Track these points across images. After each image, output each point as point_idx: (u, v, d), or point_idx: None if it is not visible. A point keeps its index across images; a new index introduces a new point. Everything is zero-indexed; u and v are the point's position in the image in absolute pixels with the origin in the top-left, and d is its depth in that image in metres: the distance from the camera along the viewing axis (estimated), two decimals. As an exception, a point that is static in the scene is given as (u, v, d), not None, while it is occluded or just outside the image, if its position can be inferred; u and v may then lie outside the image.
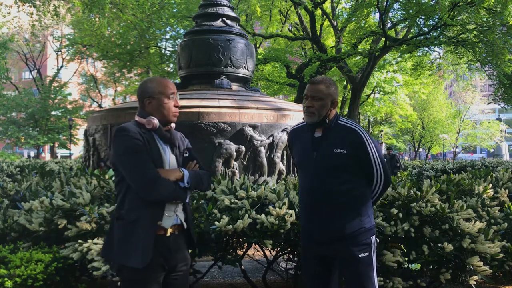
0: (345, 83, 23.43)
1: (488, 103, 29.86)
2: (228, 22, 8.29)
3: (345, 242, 2.50)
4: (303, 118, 2.67)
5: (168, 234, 2.31)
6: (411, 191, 3.68)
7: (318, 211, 2.56)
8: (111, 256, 2.31)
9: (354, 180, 2.54)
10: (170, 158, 2.39)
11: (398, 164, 14.07)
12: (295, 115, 7.14)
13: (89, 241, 3.23)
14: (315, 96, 2.57)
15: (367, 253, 2.52)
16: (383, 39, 16.06)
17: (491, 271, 3.51)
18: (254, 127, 6.54)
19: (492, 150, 40.93)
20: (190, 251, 2.60)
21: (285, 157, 6.73)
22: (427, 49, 17.49)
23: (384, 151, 16.15)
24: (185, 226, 2.41)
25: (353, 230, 2.50)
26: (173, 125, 2.45)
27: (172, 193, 2.27)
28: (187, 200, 2.44)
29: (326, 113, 2.57)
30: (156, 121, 2.32)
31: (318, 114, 2.56)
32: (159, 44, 23.58)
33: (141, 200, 2.23)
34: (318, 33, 19.00)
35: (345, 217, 2.50)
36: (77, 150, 40.94)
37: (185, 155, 2.47)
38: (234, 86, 8.04)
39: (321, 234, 2.56)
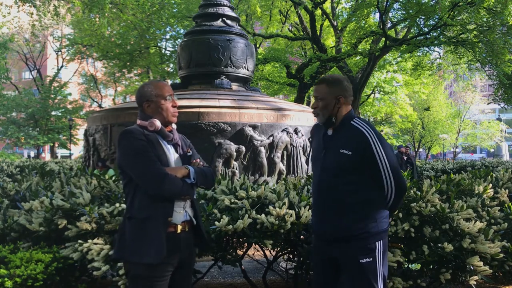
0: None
1: (488, 103, 29.85)
2: (228, 22, 8.29)
3: (348, 244, 2.45)
4: None
5: (179, 231, 2.38)
6: (411, 191, 3.68)
7: (323, 209, 2.54)
8: (124, 255, 2.35)
9: (359, 182, 2.46)
10: (174, 157, 2.47)
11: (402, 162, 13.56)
12: (295, 115, 7.13)
13: (89, 241, 3.23)
14: (317, 97, 2.58)
15: (370, 259, 2.43)
16: (383, 39, 16.05)
17: (491, 271, 3.51)
18: (254, 127, 6.54)
19: (492, 150, 40.90)
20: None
21: (285, 157, 6.73)
22: (427, 49, 17.46)
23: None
24: (195, 222, 2.48)
25: (356, 233, 2.44)
26: (174, 126, 2.54)
27: (180, 189, 2.35)
28: (194, 197, 2.51)
29: (332, 111, 2.54)
30: (158, 123, 2.42)
31: (321, 114, 2.56)
32: (159, 44, 23.57)
33: (151, 198, 2.30)
34: (318, 33, 18.99)
35: (347, 219, 2.45)
36: (77, 150, 40.93)
37: (188, 154, 2.55)
38: (234, 86, 8.04)
39: (325, 232, 2.53)
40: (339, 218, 2.47)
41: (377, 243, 2.47)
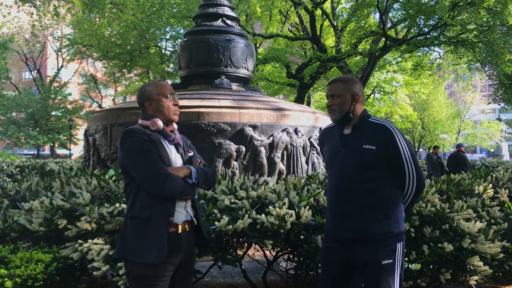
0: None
1: (488, 103, 29.81)
2: (228, 22, 8.30)
3: (369, 244, 2.41)
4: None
5: (180, 231, 2.38)
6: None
7: (344, 210, 2.48)
8: (126, 255, 2.35)
9: (383, 179, 2.44)
10: (176, 157, 2.47)
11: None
12: (295, 115, 7.13)
13: (89, 241, 3.23)
14: (333, 94, 2.59)
15: (391, 260, 2.41)
16: (383, 39, 16.04)
17: (491, 271, 3.51)
18: (254, 127, 6.54)
19: (492, 150, 40.87)
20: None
21: (285, 157, 6.73)
22: (427, 49, 17.44)
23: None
24: (195, 222, 2.48)
25: (379, 233, 2.40)
26: (175, 126, 2.53)
27: (182, 190, 2.35)
28: (196, 197, 2.51)
29: (349, 108, 2.55)
30: (160, 123, 2.41)
31: (338, 110, 2.55)
32: (159, 44, 23.56)
33: (152, 197, 2.30)
34: (318, 33, 18.97)
35: (371, 218, 2.42)
36: (77, 150, 40.92)
37: (189, 154, 2.55)
38: (234, 86, 8.04)
39: (344, 233, 2.47)
40: (360, 217, 2.43)
41: (398, 244, 2.45)
